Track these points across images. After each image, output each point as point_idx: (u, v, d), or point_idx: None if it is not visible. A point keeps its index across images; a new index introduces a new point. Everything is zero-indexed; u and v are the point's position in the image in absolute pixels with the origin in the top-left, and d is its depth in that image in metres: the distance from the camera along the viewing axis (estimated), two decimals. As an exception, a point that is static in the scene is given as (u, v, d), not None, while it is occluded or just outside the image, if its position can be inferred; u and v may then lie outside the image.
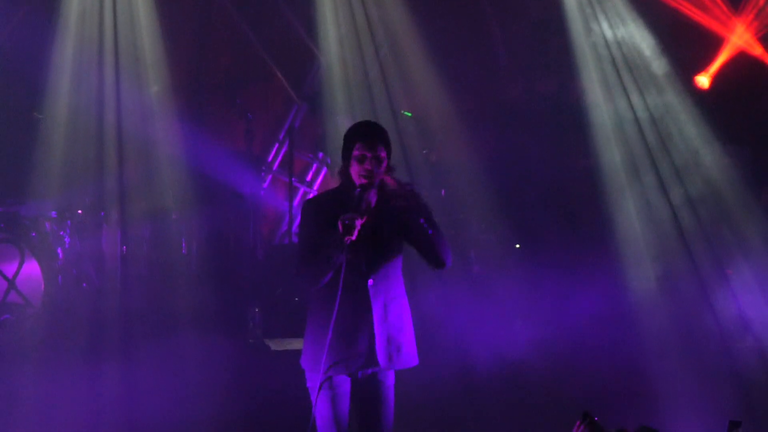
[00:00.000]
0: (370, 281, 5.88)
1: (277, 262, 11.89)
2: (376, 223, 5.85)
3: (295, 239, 11.90)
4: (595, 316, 10.31)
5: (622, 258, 11.26)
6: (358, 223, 5.66)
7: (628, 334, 10.09)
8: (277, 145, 13.61)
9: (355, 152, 5.82)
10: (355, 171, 5.85)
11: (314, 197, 6.14)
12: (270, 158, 13.52)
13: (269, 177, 13.39)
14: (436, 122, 12.50)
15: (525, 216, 11.92)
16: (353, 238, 5.64)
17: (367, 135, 5.85)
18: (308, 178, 13.74)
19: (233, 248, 12.25)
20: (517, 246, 11.88)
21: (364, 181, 5.80)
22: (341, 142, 5.93)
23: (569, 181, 11.92)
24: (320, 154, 13.55)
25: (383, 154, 5.84)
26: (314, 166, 13.70)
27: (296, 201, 12.80)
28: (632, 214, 11.45)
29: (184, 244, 11.96)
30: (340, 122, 12.40)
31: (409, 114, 12.60)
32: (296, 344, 9.42)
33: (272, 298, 11.26)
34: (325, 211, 5.84)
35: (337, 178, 5.92)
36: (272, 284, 11.42)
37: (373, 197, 5.83)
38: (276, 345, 10.36)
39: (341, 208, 5.76)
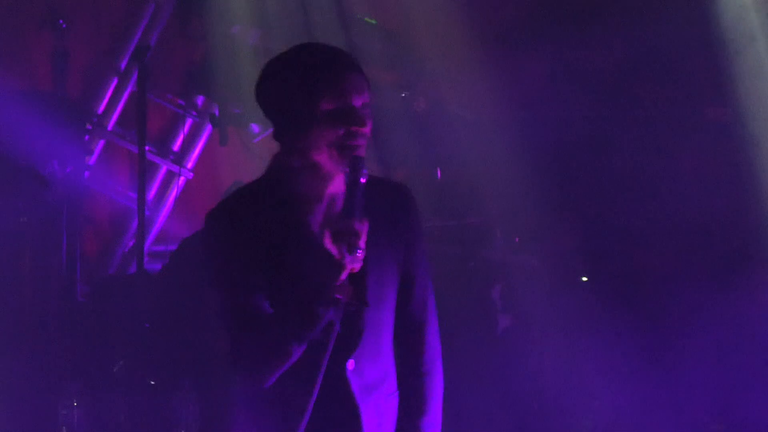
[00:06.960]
0: (350, 363, 4.27)
1: (115, 307, 9.53)
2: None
3: (152, 265, 10.32)
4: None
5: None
6: (363, 237, 4.05)
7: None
8: (115, 81, 11.11)
9: (324, 105, 4.05)
10: (328, 141, 4.09)
11: (223, 205, 4.34)
12: (101, 107, 11.11)
13: (100, 143, 11.07)
14: (427, 39, 10.23)
15: (601, 223, 9.68)
16: (357, 268, 4.08)
17: (345, 67, 4.12)
18: (176, 144, 11.29)
19: (28, 282, 10.12)
20: (584, 279, 9.73)
21: (346, 159, 4.09)
22: (244, 78, 4.88)
23: (692, 160, 9.54)
24: (199, 100, 11.33)
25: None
26: (188, 122, 11.20)
27: (153, 189, 11.02)
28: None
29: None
30: (241, 36, 10.23)
31: (374, 21, 10.48)
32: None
33: (105, 380, 9.00)
34: (255, 229, 4.19)
35: (248, 150, 4.88)
36: (103, 352, 9.22)
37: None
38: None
39: (286, 221, 4.21)
